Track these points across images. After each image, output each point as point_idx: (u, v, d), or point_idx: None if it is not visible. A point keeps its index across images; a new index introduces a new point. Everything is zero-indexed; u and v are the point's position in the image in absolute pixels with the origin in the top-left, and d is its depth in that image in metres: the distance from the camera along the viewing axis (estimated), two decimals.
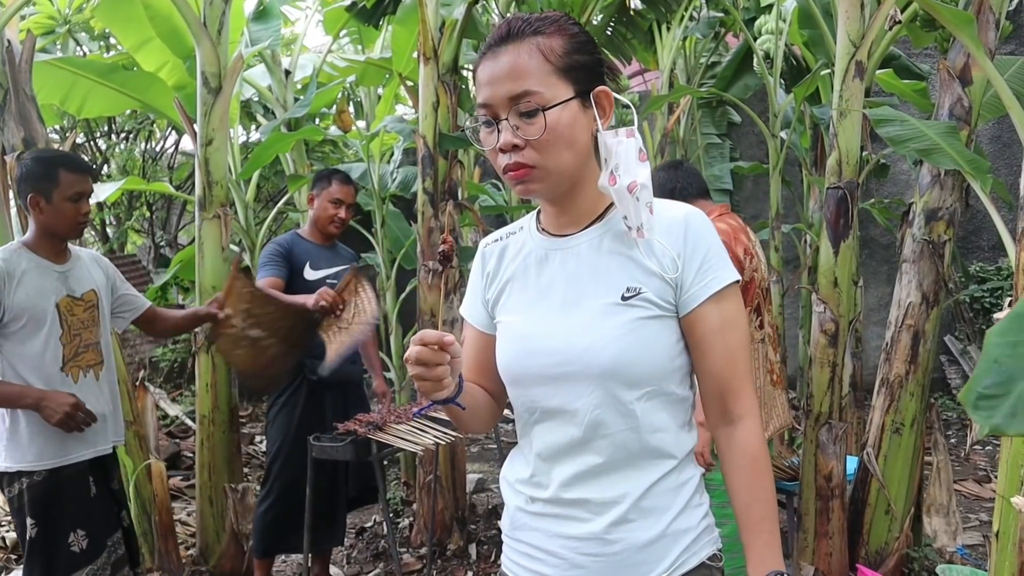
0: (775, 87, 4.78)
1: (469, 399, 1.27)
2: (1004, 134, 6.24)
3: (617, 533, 1.18)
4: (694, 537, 1.21)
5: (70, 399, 2.41)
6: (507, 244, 1.33)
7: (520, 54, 1.13)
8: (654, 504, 1.19)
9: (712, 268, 1.18)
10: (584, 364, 1.16)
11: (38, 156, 2.59)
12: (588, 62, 1.17)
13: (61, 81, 4.26)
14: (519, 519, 1.28)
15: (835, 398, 3.10)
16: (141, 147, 8.05)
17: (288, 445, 3.28)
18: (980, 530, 4.03)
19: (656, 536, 1.18)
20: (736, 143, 7.14)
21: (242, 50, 4.40)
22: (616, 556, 1.18)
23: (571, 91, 1.14)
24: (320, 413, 3.30)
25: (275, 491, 3.29)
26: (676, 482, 1.21)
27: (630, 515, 1.18)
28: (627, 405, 1.17)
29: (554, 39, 1.15)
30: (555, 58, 1.14)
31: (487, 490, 4.84)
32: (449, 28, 3.75)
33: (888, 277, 6.27)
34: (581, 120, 1.16)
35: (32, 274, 2.48)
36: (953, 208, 2.99)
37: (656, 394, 1.18)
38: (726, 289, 1.18)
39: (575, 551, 1.20)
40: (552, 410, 1.21)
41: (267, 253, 3.35)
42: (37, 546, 2.46)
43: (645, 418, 1.17)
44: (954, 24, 2.50)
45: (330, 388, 3.35)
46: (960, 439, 5.72)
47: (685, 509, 1.21)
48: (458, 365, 1.17)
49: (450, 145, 3.82)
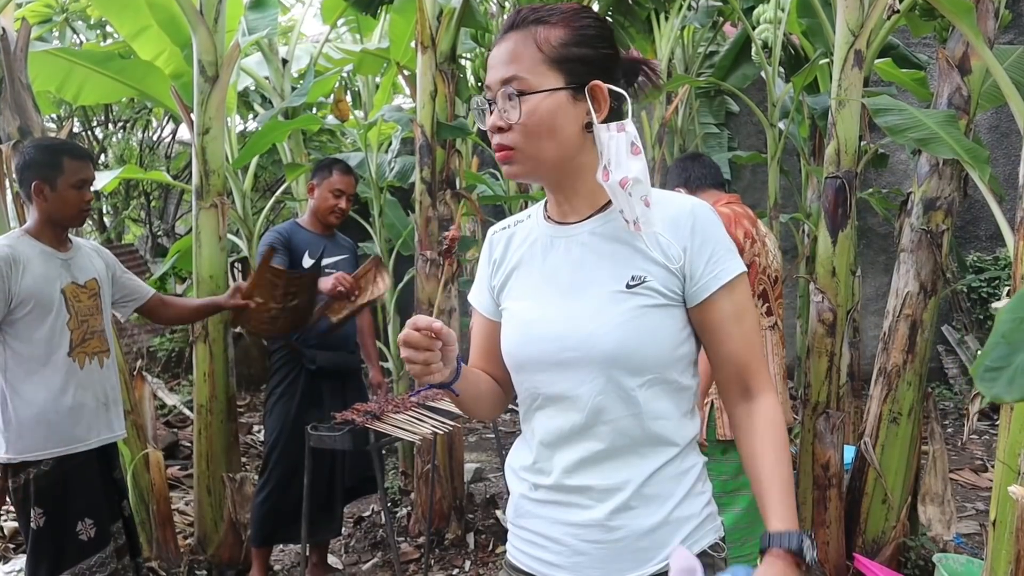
0: (773, 76, 4.76)
1: (471, 386, 1.30)
2: (1003, 123, 6.24)
3: (619, 520, 1.18)
4: (696, 525, 1.22)
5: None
6: (514, 232, 1.35)
7: (517, 41, 1.18)
8: (656, 491, 1.19)
9: (722, 259, 1.20)
10: (587, 350, 1.17)
11: (41, 144, 2.60)
12: (588, 56, 1.18)
13: (57, 69, 4.25)
14: (523, 506, 1.29)
15: (833, 388, 3.10)
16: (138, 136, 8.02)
17: (286, 434, 3.29)
18: (976, 519, 4.05)
19: (658, 523, 1.19)
20: (734, 133, 7.12)
21: (239, 39, 4.38)
22: (618, 543, 1.19)
23: (560, 81, 1.16)
24: (319, 402, 3.31)
25: (273, 480, 3.30)
26: (678, 470, 1.22)
27: (632, 502, 1.18)
28: (629, 392, 1.18)
29: (555, 29, 1.17)
30: (548, 48, 1.16)
31: (485, 479, 4.84)
32: (447, 17, 3.74)
33: (886, 267, 6.27)
34: (568, 111, 1.17)
35: (36, 261, 2.48)
36: (951, 197, 2.99)
37: (658, 382, 1.19)
38: (736, 279, 1.20)
39: (578, 538, 1.20)
40: (555, 396, 1.22)
41: (267, 242, 3.35)
42: (44, 536, 2.47)
43: (647, 405, 1.18)
44: (953, 13, 2.49)
45: (328, 377, 3.36)
46: (957, 428, 5.73)
47: (687, 497, 1.22)
48: (451, 353, 1.19)
49: (448, 134, 3.81)
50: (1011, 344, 1.32)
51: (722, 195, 2.83)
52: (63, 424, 2.48)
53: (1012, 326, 1.35)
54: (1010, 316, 1.37)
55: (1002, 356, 1.32)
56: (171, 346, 7.27)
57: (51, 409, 2.47)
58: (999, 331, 1.36)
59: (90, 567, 2.52)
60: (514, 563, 1.30)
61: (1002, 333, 1.35)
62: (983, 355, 1.34)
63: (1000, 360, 1.31)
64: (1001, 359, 1.31)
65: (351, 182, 3.49)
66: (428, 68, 3.75)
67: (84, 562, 2.50)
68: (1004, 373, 1.29)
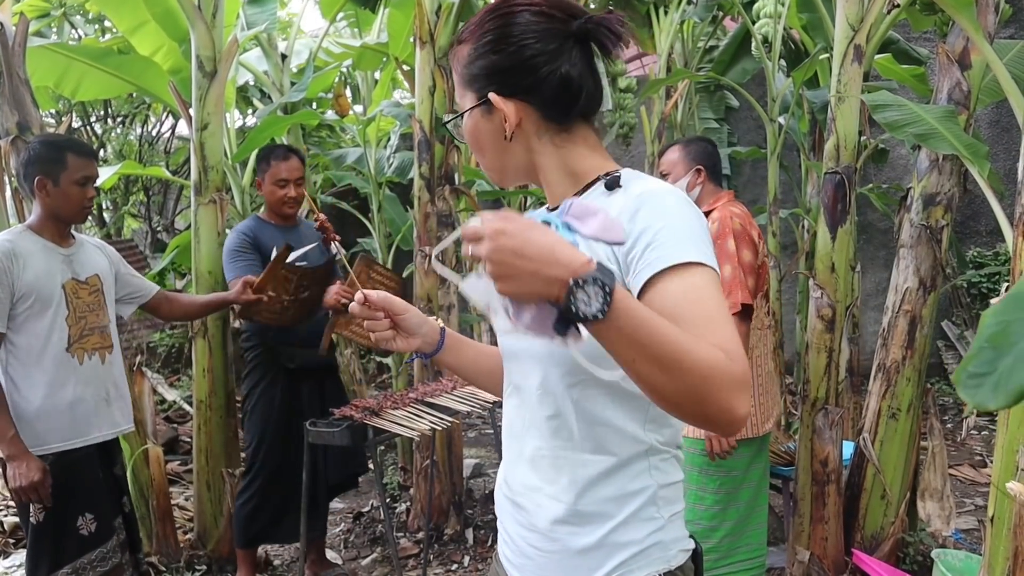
0: (773, 71, 4.75)
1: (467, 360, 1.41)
2: (1003, 119, 6.22)
3: (558, 532, 1.14)
4: (635, 552, 1.12)
5: (38, 474, 2.37)
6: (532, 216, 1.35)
7: (454, 64, 1.21)
8: (593, 510, 1.12)
9: (662, 245, 1.01)
10: (527, 343, 1.12)
11: (45, 140, 2.61)
12: (486, 66, 1.14)
13: (55, 64, 4.23)
14: (497, 499, 1.29)
15: (832, 383, 3.10)
16: (137, 131, 8.00)
17: (270, 435, 3.24)
18: (975, 515, 4.05)
19: (592, 544, 1.12)
20: (734, 128, 7.11)
21: (237, 33, 4.37)
22: (555, 555, 1.15)
23: (472, 100, 1.17)
24: (298, 402, 3.26)
25: (257, 482, 3.26)
26: (622, 490, 1.12)
27: (569, 518, 1.13)
28: (562, 390, 1.12)
29: (464, 47, 1.17)
30: (461, 69, 1.18)
31: (484, 475, 4.85)
32: (445, 11, 3.73)
33: (886, 262, 6.27)
34: (484, 125, 1.17)
35: (38, 256, 2.49)
36: (951, 193, 2.99)
37: (593, 384, 1.09)
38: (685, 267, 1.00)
39: (525, 541, 1.19)
40: (516, 386, 1.22)
41: (234, 246, 3.23)
42: (44, 530, 2.47)
43: (583, 406, 1.11)
44: (954, 7, 2.49)
45: (308, 376, 3.30)
46: (956, 424, 5.74)
47: (630, 521, 1.12)
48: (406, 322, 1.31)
49: (446, 130, 3.80)
50: (996, 348, 1.27)
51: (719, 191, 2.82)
52: (62, 419, 2.49)
53: (997, 329, 1.30)
54: (995, 319, 1.31)
55: (987, 361, 1.25)
56: (171, 342, 7.26)
57: (50, 404, 2.47)
58: (983, 335, 1.30)
59: (91, 562, 2.52)
60: (498, 554, 1.31)
61: (987, 337, 1.29)
62: (966, 360, 1.27)
63: (984, 366, 1.25)
64: (985, 364, 1.25)
65: (293, 166, 3.28)
66: (427, 63, 3.74)
67: (84, 556, 2.51)
68: (988, 379, 1.23)
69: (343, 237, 3.72)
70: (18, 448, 2.37)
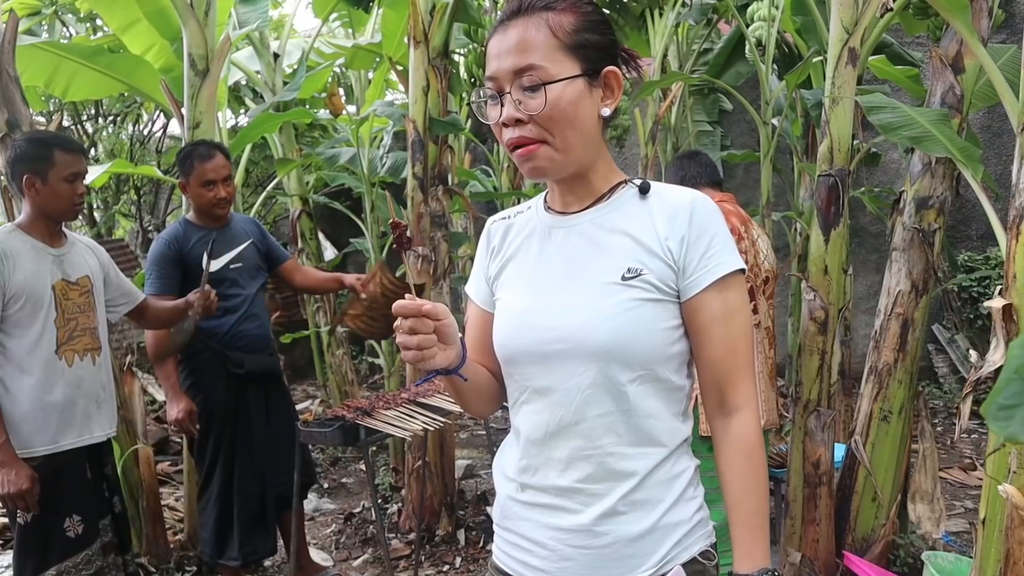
0: (767, 74, 4.76)
1: (472, 375, 1.25)
2: (995, 123, 6.25)
3: (606, 525, 1.15)
4: (686, 531, 1.18)
5: (26, 483, 2.34)
6: (513, 222, 1.33)
7: (528, 28, 1.12)
8: (646, 496, 1.16)
9: (717, 254, 1.15)
10: (579, 341, 1.14)
11: (32, 137, 2.58)
12: (599, 41, 1.15)
13: (45, 63, 4.20)
14: (509, 508, 1.26)
15: (824, 386, 3.10)
16: (129, 130, 7.96)
17: (225, 445, 3.15)
18: (965, 517, 4.06)
19: (646, 529, 1.15)
20: (727, 130, 7.11)
21: (229, 32, 4.35)
22: (605, 549, 1.15)
23: (577, 68, 1.12)
24: (245, 408, 3.18)
25: (215, 493, 3.16)
26: (669, 474, 1.18)
27: (620, 507, 1.15)
28: (620, 387, 1.14)
29: (565, 15, 1.13)
30: (563, 34, 1.12)
31: (476, 476, 4.84)
32: (439, 11, 3.72)
33: (878, 265, 6.28)
34: (586, 99, 1.14)
35: (28, 256, 2.46)
36: (944, 196, 2.99)
37: (650, 379, 1.15)
38: (730, 277, 1.16)
39: (564, 543, 1.17)
40: (543, 390, 1.19)
41: (156, 259, 3.06)
42: (30, 532, 2.45)
43: (637, 402, 1.15)
44: (948, 10, 2.49)
45: (252, 382, 3.19)
46: (946, 427, 5.75)
47: (678, 502, 1.18)
48: (448, 330, 1.14)
49: (440, 130, 3.79)
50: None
51: (716, 193, 2.84)
52: (51, 421, 2.47)
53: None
54: (1022, 351, 1.29)
55: (1016, 392, 1.23)
56: None
57: (38, 406, 2.45)
58: (1011, 366, 1.27)
59: (76, 564, 2.50)
60: (500, 566, 1.28)
61: (1015, 368, 1.26)
62: (995, 392, 1.25)
63: (1014, 397, 1.23)
64: (1015, 396, 1.23)
65: (219, 165, 3.07)
66: (421, 63, 3.73)
67: (70, 559, 2.49)
68: (1019, 411, 1.21)
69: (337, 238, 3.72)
70: (8, 455, 2.35)
